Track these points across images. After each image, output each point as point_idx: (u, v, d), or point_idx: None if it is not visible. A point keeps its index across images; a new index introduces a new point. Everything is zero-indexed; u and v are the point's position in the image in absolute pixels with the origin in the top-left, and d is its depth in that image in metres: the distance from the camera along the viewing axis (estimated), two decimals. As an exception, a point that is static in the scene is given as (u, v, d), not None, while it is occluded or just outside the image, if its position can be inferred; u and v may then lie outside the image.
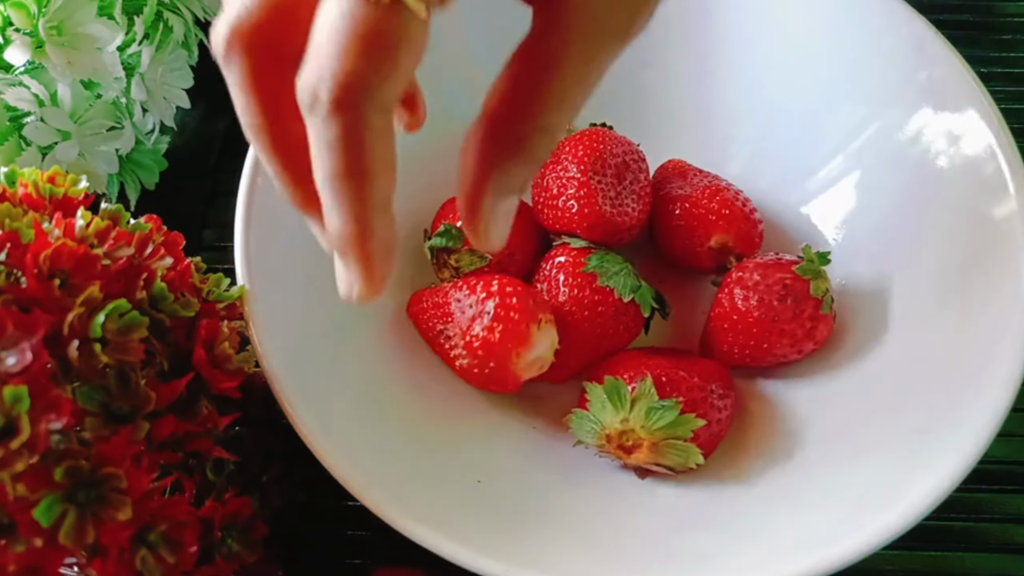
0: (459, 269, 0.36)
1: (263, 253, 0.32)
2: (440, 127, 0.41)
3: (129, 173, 0.41)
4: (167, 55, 0.41)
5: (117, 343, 0.23)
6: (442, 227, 0.36)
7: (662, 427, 0.31)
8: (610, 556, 0.29)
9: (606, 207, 0.35)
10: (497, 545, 0.28)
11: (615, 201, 0.36)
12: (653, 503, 0.32)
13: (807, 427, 0.34)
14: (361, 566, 0.35)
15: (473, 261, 0.36)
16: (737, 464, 0.33)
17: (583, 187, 0.36)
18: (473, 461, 0.33)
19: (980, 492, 0.36)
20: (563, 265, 0.35)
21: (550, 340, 0.33)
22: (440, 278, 0.38)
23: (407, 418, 0.34)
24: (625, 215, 0.36)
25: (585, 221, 0.36)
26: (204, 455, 0.27)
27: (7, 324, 0.21)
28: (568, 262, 0.35)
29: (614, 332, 0.35)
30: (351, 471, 0.28)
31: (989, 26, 0.49)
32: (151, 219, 0.28)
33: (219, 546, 0.26)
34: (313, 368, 0.31)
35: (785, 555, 0.27)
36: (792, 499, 0.31)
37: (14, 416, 0.20)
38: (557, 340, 0.34)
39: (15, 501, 0.20)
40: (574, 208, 0.36)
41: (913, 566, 0.35)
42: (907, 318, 0.34)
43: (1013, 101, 0.46)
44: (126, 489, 0.22)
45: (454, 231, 0.36)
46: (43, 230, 0.24)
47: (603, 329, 0.35)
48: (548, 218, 0.37)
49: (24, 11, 0.34)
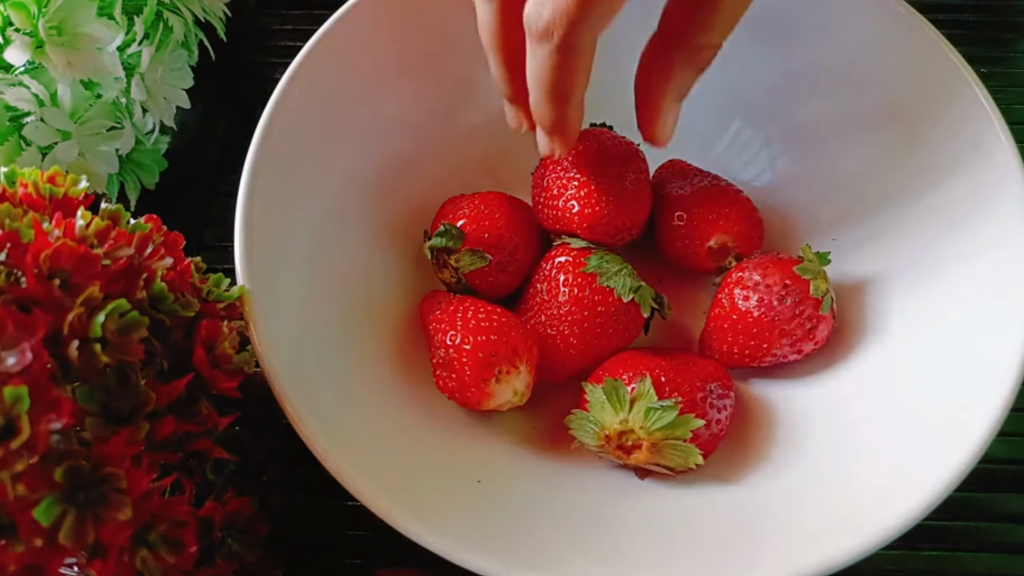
0: (459, 269, 0.36)
1: (263, 253, 0.32)
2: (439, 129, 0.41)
3: (129, 173, 0.41)
4: (167, 55, 0.41)
5: (117, 343, 0.23)
6: (442, 227, 0.36)
7: (661, 428, 0.31)
8: (610, 556, 0.29)
9: (606, 207, 0.35)
10: (497, 545, 0.28)
11: (615, 201, 0.36)
12: (653, 503, 0.32)
13: (807, 427, 0.34)
14: (361, 566, 0.35)
15: (473, 261, 0.36)
16: (737, 464, 0.33)
17: (583, 187, 0.36)
18: (473, 461, 0.33)
19: (980, 492, 0.36)
20: (563, 265, 0.35)
21: (513, 389, 0.33)
22: (440, 278, 0.38)
23: (407, 418, 0.34)
24: (625, 215, 0.36)
25: (585, 221, 0.36)
26: (204, 455, 0.27)
27: (7, 324, 0.21)
28: (568, 262, 0.35)
29: (614, 332, 0.35)
30: (351, 471, 0.28)
31: (989, 26, 0.49)
32: (151, 219, 0.28)
33: (219, 546, 0.26)
34: (313, 368, 0.31)
35: (785, 555, 0.27)
36: (792, 499, 0.31)
37: (14, 416, 0.20)
38: (530, 381, 0.33)
39: (15, 501, 0.20)
40: (574, 208, 0.36)
41: (913, 566, 0.35)
42: (907, 318, 0.34)
43: (1013, 101, 0.46)
44: (126, 489, 0.22)
45: (454, 231, 0.36)
46: (43, 230, 0.24)
47: (603, 329, 0.35)
48: (548, 218, 0.37)
49: (24, 11, 0.34)
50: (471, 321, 0.34)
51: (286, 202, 0.33)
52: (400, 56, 0.38)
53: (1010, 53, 0.48)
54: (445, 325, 0.34)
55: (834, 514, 0.29)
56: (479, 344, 0.33)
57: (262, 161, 0.33)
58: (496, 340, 0.33)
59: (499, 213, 0.37)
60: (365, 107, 0.37)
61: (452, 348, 0.33)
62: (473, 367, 0.33)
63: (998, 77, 0.47)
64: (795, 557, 0.27)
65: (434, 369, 0.35)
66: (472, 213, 0.37)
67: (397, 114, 0.39)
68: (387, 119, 0.39)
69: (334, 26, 0.36)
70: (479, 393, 0.33)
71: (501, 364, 0.32)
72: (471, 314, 0.34)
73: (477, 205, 0.37)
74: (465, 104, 0.41)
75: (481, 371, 0.33)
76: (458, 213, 0.37)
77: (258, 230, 0.32)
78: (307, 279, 0.34)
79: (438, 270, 0.37)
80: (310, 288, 0.34)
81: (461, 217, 0.37)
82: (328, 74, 0.36)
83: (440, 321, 0.34)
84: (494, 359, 0.33)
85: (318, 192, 0.36)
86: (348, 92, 0.37)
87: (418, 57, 0.39)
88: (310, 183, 0.35)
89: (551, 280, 0.35)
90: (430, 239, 0.37)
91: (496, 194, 0.38)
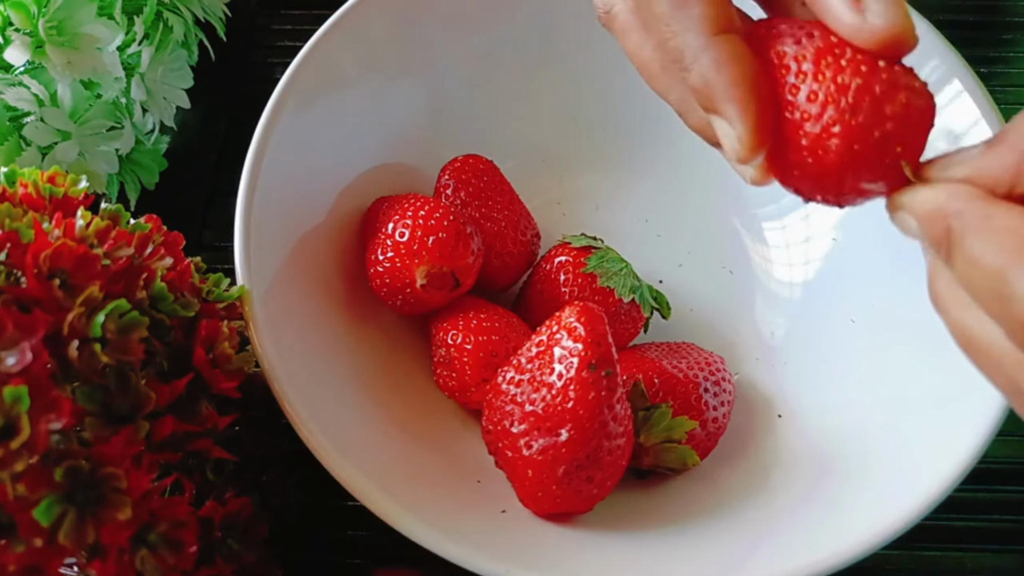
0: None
1: (263, 253, 0.32)
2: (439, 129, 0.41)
3: (129, 173, 0.41)
4: (167, 55, 0.41)
5: (117, 343, 0.23)
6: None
7: (655, 431, 0.31)
8: (610, 556, 0.29)
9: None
10: (497, 545, 0.28)
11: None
12: (652, 503, 0.32)
13: (807, 428, 0.34)
14: (361, 566, 0.35)
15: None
16: (737, 464, 0.33)
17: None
18: (473, 461, 0.33)
19: (980, 492, 0.36)
20: (563, 265, 0.35)
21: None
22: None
23: (407, 418, 0.34)
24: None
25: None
26: (204, 455, 0.27)
27: (7, 324, 0.21)
28: (568, 262, 0.35)
29: (614, 332, 0.35)
30: (351, 471, 0.28)
31: (989, 26, 0.49)
32: (151, 219, 0.28)
33: (219, 546, 0.26)
34: (313, 368, 0.31)
35: (785, 554, 0.27)
36: (792, 499, 0.31)
37: (14, 416, 0.20)
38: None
39: (15, 501, 0.20)
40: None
41: (913, 566, 0.35)
42: (908, 318, 0.34)
43: (1013, 101, 0.46)
44: (126, 489, 0.22)
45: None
46: (43, 230, 0.24)
47: (603, 329, 0.35)
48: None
49: (24, 11, 0.34)
50: (472, 321, 0.34)
51: (286, 202, 0.33)
52: (400, 56, 0.38)
53: (1010, 53, 0.48)
54: (447, 324, 0.34)
55: (834, 514, 0.29)
56: (480, 344, 0.33)
57: (262, 161, 0.33)
58: (497, 340, 0.33)
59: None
60: (365, 107, 0.37)
61: (453, 347, 0.33)
62: (474, 366, 0.33)
63: (998, 77, 0.47)
64: (795, 557, 0.27)
65: (435, 368, 0.35)
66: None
67: (397, 114, 0.39)
68: (386, 119, 0.39)
69: (334, 26, 0.36)
70: (479, 392, 0.33)
71: (502, 364, 0.32)
72: (472, 314, 0.34)
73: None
74: (465, 104, 0.41)
75: (482, 371, 0.33)
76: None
77: (258, 230, 0.32)
78: (307, 279, 0.34)
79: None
80: (310, 288, 0.34)
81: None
82: (328, 74, 0.36)
83: (442, 320, 0.34)
84: (495, 359, 0.33)
85: (318, 192, 0.36)
86: (348, 92, 0.37)
87: (418, 57, 0.39)
88: (310, 183, 0.35)
89: (551, 280, 0.35)
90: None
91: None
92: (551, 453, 0.28)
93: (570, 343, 0.28)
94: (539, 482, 0.29)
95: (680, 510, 0.32)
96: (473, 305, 0.34)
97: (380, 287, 0.34)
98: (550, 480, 0.28)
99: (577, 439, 0.28)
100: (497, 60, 0.41)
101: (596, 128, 0.43)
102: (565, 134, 0.43)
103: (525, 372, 0.29)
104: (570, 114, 0.43)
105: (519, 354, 0.30)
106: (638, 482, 0.33)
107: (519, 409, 0.29)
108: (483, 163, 0.38)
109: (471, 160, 0.37)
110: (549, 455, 0.28)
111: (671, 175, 0.42)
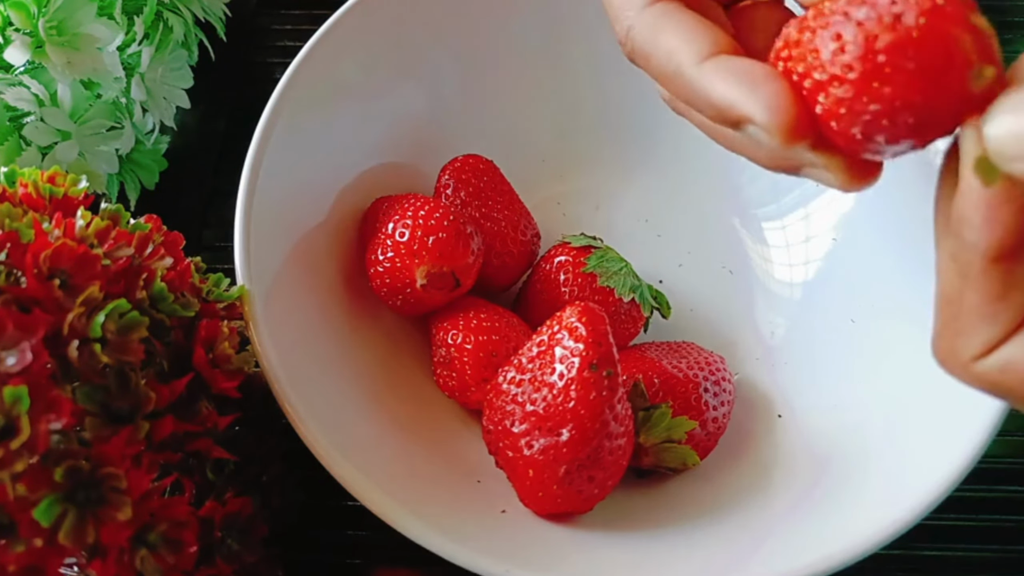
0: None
1: (263, 253, 0.32)
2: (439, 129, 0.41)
3: (129, 173, 0.41)
4: (167, 55, 0.41)
5: (117, 343, 0.23)
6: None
7: (655, 431, 0.31)
8: (610, 556, 0.29)
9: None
10: (497, 545, 0.28)
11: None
12: (652, 503, 0.32)
13: (807, 428, 0.34)
14: (361, 566, 0.35)
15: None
16: (737, 464, 0.33)
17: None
18: (473, 461, 0.33)
19: (980, 492, 0.36)
20: (563, 265, 0.35)
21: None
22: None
23: (407, 418, 0.34)
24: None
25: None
26: (204, 455, 0.27)
27: (7, 324, 0.21)
28: (568, 262, 0.35)
29: (614, 332, 0.35)
30: (351, 471, 0.28)
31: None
32: (151, 219, 0.28)
33: (219, 546, 0.26)
34: (313, 368, 0.31)
35: (786, 554, 0.27)
36: (792, 499, 0.31)
37: (14, 416, 0.20)
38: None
39: (15, 501, 0.20)
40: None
41: (913, 566, 0.35)
42: (908, 318, 0.34)
43: (1013, 101, 0.46)
44: (126, 489, 0.22)
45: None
46: (43, 230, 0.24)
47: (603, 329, 0.35)
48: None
49: (24, 11, 0.34)
50: (472, 321, 0.34)
51: (286, 202, 0.33)
52: (400, 56, 0.38)
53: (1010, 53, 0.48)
54: (447, 324, 0.34)
55: (834, 514, 0.29)
56: (480, 344, 0.33)
57: (262, 160, 0.33)
58: (497, 340, 0.33)
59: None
60: (365, 107, 0.37)
61: (453, 347, 0.33)
62: (474, 366, 0.33)
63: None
64: (795, 557, 0.27)
65: (435, 368, 0.35)
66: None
67: (397, 114, 0.39)
68: (387, 119, 0.39)
69: (334, 26, 0.36)
70: (479, 392, 0.33)
71: (502, 364, 0.32)
72: (472, 314, 0.34)
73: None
74: (464, 104, 0.41)
75: (482, 370, 0.33)
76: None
77: (258, 230, 0.32)
78: (307, 279, 0.34)
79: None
80: (310, 288, 0.34)
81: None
82: (328, 74, 0.36)
83: (442, 320, 0.34)
84: (495, 359, 0.33)
85: (318, 192, 0.36)
86: (348, 92, 0.37)
87: (418, 57, 0.39)
88: (310, 183, 0.35)
89: (551, 280, 0.35)
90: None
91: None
92: (552, 453, 0.28)
93: (571, 343, 0.28)
94: (540, 482, 0.29)
95: (680, 510, 0.32)
96: (473, 305, 0.34)
97: (380, 287, 0.34)
98: (551, 480, 0.28)
99: (578, 439, 0.28)
100: (497, 60, 0.41)
101: (596, 128, 0.43)
102: (565, 134, 0.43)
103: (526, 372, 0.29)
104: (570, 114, 0.43)
105: (520, 354, 0.30)
106: (638, 482, 0.33)
107: (520, 409, 0.29)
108: (483, 163, 0.38)
109: (471, 160, 0.37)
110: (550, 455, 0.28)
111: (671, 175, 0.42)
